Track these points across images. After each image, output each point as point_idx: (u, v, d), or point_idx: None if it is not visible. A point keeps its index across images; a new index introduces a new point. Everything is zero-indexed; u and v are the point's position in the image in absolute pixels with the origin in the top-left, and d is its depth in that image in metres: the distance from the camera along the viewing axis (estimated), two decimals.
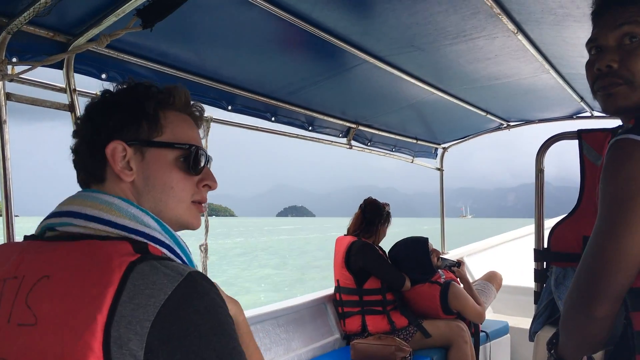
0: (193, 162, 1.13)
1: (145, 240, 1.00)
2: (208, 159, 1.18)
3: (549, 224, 2.93)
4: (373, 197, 4.25)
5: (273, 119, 3.50)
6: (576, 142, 2.66)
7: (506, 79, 3.47)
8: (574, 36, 2.61)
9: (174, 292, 0.87)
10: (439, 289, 3.88)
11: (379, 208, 4.14)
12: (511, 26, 2.51)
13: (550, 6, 2.26)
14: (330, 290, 4.15)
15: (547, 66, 3.15)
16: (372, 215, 4.09)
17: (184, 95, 1.17)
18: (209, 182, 1.17)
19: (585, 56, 2.75)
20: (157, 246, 1.01)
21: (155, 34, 2.16)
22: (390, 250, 4.15)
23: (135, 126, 1.10)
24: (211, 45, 2.65)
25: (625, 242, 1.16)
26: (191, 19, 2.30)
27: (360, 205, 4.20)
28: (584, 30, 2.48)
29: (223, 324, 0.91)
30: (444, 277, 4.05)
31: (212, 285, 0.94)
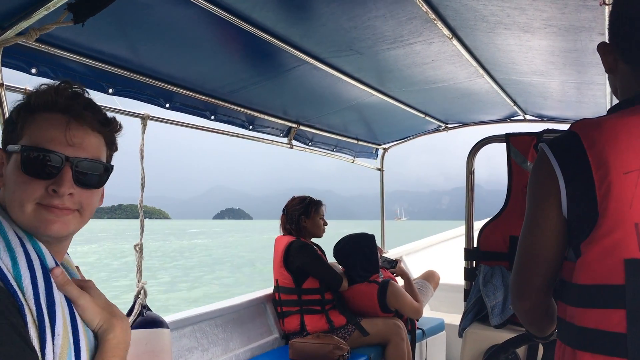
0: (33, 164, 1.08)
1: None
2: (63, 161, 1.10)
3: (480, 225, 3.04)
4: (294, 196, 4.25)
5: (212, 117, 3.47)
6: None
7: (443, 82, 3.56)
8: (505, 43, 2.71)
9: None
10: (377, 287, 3.94)
11: (298, 202, 4.12)
12: (446, 32, 2.59)
13: (482, 13, 2.33)
14: (270, 289, 4.15)
15: (481, 71, 3.25)
16: (292, 211, 4.09)
17: (47, 94, 1.13)
18: (55, 186, 1.09)
19: (516, 63, 2.86)
20: None
21: (90, 29, 2.10)
22: (336, 244, 4.16)
23: (4, 134, 1.15)
24: (148, 42, 2.60)
25: (535, 239, 1.27)
26: (127, 15, 2.25)
27: (283, 207, 4.21)
28: (514, 37, 2.59)
29: None
30: (382, 276, 4.12)
31: None
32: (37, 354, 0.95)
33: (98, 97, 2.68)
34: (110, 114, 1.23)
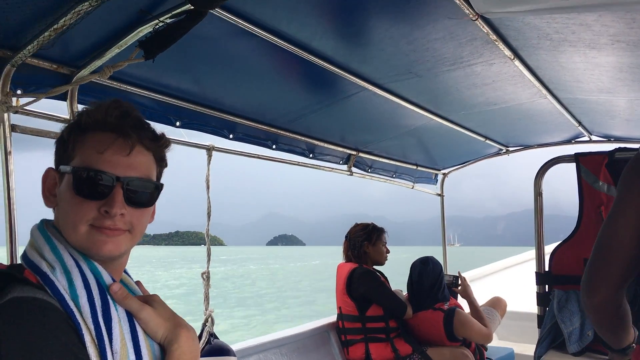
0: (85, 185, 1.09)
1: (26, 267, 1.05)
2: (114, 181, 1.10)
3: (550, 249, 2.94)
4: (356, 223, 4.23)
5: (274, 146, 3.53)
6: (565, 167, 2.69)
7: (504, 104, 3.50)
8: (570, 61, 2.64)
9: None
10: (442, 315, 3.85)
11: (361, 229, 4.09)
12: (508, 52, 2.55)
13: (546, 32, 2.29)
14: (333, 317, 4.12)
15: (544, 91, 3.19)
16: (355, 237, 4.06)
17: (97, 113, 1.13)
18: (106, 207, 1.09)
19: (582, 81, 2.78)
20: (34, 273, 1.03)
21: (157, 65, 2.19)
22: (411, 268, 4.13)
23: (56, 154, 1.17)
24: (212, 75, 2.69)
25: (616, 228, 1.26)
26: (192, 50, 2.34)
27: (346, 234, 4.18)
28: (580, 55, 2.52)
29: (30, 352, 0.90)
30: (448, 304, 4.02)
31: (25, 318, 0.93)
32: None
33: (166, 130, 2.78)
34: (177, 147, 1.25)
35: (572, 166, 3.32)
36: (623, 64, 2.59)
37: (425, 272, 3.99)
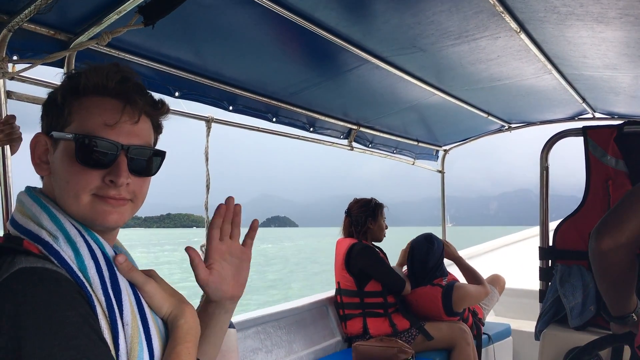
0: (88, 153, 1.03)
1: (23, 237, 0.99)
2: (118, 150, 1.06)
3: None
4: (356, 198, 4.20)
5: (274, 119, 3.49)
6: (570, 143, 2.66)
7: (508, 80, 3.46)
8: (577, 35, 2.59)
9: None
10: (440, 290, 3.86)
11: (363, 204, 4.08)
12: (514, 25, 2.50)
13: (553, 4, 2.24)
14: (332, 292, 4.13)
15: (549, 66, 3.14)
16: (357, 213, 4.05)
17: (97, 77, 1.07)
18: (112, 177, 1.05)
19: (587, 56, 2.73)
20: (34, 243, 0.98)
21: (157, 33, 2.15)
22: (413, 245, 4.14)
23: (47, 118, 1.10)
24: (212, 44, 2.64)
25: None
26: (193, 18, 2.29)
27: (346, 210, 4.16)
28: (587, 29, 2.48)
29: (49, 324, 0.86)
30: (446, 279, 4.03)
31: (40, 289, 0.89)
32: (108, 346, 0.93)
33: (165, 100, 2.74)
34: (176, 117, 1.20)
35: (562, 145, 3.28)
36: (630, 38, 2.54)
37: (432, 250, 3.99)
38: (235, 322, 3.12)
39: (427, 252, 3.95)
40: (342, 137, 4.23)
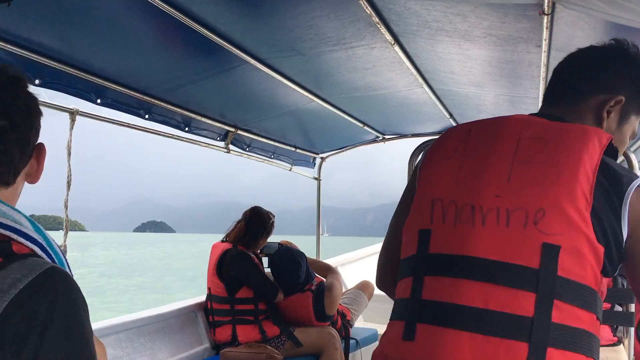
0: None
1: (15, 237, 0.93)
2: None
3: None
4: (259, 207, 4.17)
5: (147, 116, 3.33)
6: None
7: (383, 90, 3.57)
8: (446, 51, 2.73)
9: (26, 287, 0.83)
10: (311, 296, 3.88)
11: (264, 220, 4.02)
12: (389, 37, 2.58)
13: (425, 19, 2.34)
14: (202, 297, 4.01)
15: (420, 80, 3.28)
16: (256, 228, 3.98)
17: None
18: None
19: (455, 72, 2.86)
20: (28, 243, 0.94)
21: (15, 13, 1.96)
22: (270, 258, 4.07)
23: None
24: (81, 30, 2.45)
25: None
26: (58, 1, 2.12)
27: (245, 214, 4.06)
28: (455, 45, 2.61)
29: (79, 328, 0.86)
30: (315, 281, 4.05)
31: (72, 285, 0.89)
32: None
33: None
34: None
35: None
36: (493, 57, 2.72)
37: (301, 270, 3.95)
38: (94, 329, 2.92)
39: (297, 275, 3.92)
40: (218, 138, 4.13)
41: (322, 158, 5.70)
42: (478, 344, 1.09)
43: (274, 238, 4.22)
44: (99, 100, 2.96)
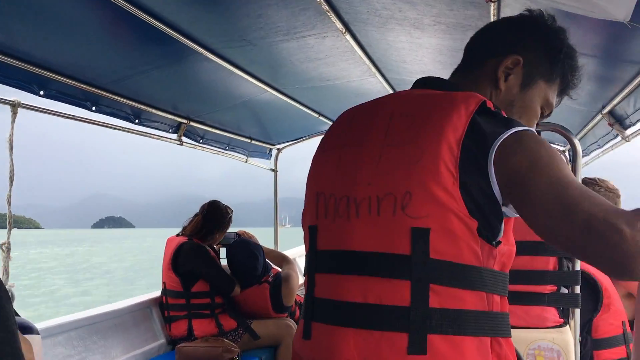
0: None
1: None
2: None
3: None
4: (217, 201, 4.11)
5: (94, 108, 3.22)
6: None
7: (337, 80, 3.55)
8: (397, 40, 2.73)
9: None
10: (268, 287, 3.86)
11: (222, 215, 3.99)
12: (339, 25, 2.56)
13: (375, 7, 2.33)
14: (157, 293, 3.95)
15: (373, 70, 3.27)
16: (213, 223, 3.94)
17: None
18: None
19: (407, 62, 2.85)
20: None
21: None
22: (227, 251, 4.03)
23: None
24: (21, 19, 2.35)
25: None
26: None
27: (202, 207, 4.01)
28: (405, 34, 2.61)
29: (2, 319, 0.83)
30: (272, 273, 4.02)
31: None
32: None
33: None
34: None
35: None
36: (443, 46, 2.72)
37: (259, 263, 3.92)
38: (43, 327, 2.83)
39: (255, 267, 3.88)
40: (171, 130, 4.04)
41: (278, 149, 5.66)
42: (362, 340, 1.07)
43: (233, 229, 4.19)
44: (41, 92, 2.85)
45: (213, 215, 3.96)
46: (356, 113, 1.31)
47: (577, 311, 2.14)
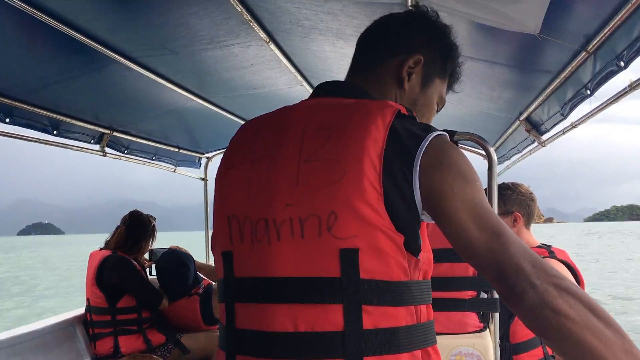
0: None
1: None
2: None
3: None
4: (138, 210, 3.98)
5: (7, 120, 3.05)
6: None
7: (264, 89, 3.53)
8: (321, 50, 2.74)
9: None
10: (198, 299, 3.78)
11: (145, 224, 3.87)
12: (263, 35, 2.54)
13: (297, 17, 2.33)
14: (81, 310, 3.78)
15: (300, 78, 3.27)
16: (137, 232, 3.81)
17: None
18: None
19: (332, 71, 2.87)
20: None
21: None
22: (157, 261, 3.93)
23: None
24: None
25: None
26: None
27: (124, 218, 3.87)
28: (329, 44, 2.62)
29: None
30: (203, 285, 3.95)
31: None
32: None
33: None
34: None
35: None
36: None
37: (189, 272, 3.85)
38: None
39: (185, 277, 3.80)
40: (93, 141, 3.89)
41: (207, 158, 5.57)
42: None
43: (172, 234, 4.09)
44: None
45: (136, 225, 3.84)
46: (261, 124, 1.24)
47: (497, 315, 2.20)
